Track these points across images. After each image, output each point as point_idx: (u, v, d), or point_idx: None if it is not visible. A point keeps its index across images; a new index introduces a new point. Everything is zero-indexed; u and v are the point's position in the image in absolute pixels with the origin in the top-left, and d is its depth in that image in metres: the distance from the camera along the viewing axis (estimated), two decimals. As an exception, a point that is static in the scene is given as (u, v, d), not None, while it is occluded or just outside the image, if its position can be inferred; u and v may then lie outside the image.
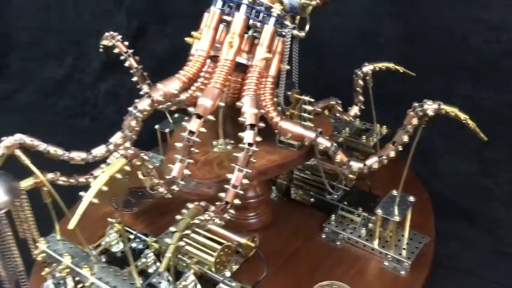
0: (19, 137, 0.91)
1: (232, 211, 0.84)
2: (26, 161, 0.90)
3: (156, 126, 1.33)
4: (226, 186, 0.85)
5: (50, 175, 0.95)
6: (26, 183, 0.93)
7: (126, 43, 1.14)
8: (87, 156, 0.96)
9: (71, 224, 0.74)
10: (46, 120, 1.79)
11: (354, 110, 1.21)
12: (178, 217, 0.78)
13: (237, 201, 0.84)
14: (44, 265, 0.99)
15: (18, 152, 0.91)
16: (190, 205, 0.80)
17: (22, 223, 0.92)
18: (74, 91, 1.91)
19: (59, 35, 2.00)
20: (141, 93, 1.11)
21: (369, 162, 1.01)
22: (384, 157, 1.01)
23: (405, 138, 0.98)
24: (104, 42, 1.13)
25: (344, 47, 1.57)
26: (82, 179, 1.04)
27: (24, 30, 2.04)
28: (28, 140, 0.92)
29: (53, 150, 0.95)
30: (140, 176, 0.88)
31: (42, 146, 0.94)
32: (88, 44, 1.95)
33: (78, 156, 0.95)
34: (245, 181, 0.85)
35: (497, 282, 1.12)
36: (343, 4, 1.22)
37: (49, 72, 1.98)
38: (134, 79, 1.13)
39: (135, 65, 1.13)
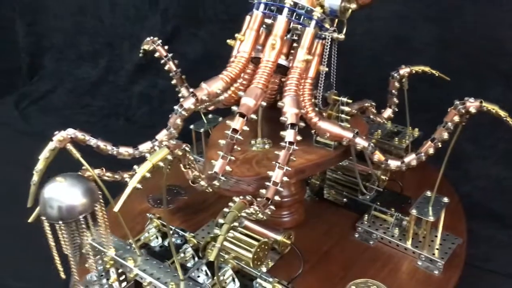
0: (72, 132, 0.95)
1: (272, 207, 0.86)
2: (77, 155, 0.94)
3: (191, 126, 1.36)
4: (267, 183, 0.87)
5: (97, 171, 0.99)
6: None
7: (166, 47, 1.18)
8: (134, 151, 1.00)
9: (116, 208, 0.79)
10: (80, 120, 1.84)
11: (388, 112, 1.23)
12: (226, 210, 0.81)
13: (277, 198, 0.87)
14: (88, 257, 1.03)
15: (70, 146, 0.94)
16: (236, 199, 0.83)
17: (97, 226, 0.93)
18: (108, 93, 1.96)
19: (94, 37, 2.05)
20: (180, 95, 1.15)
21: (407, 159, 1.03)
22: (423, 154, 1.02)
23: (445, 135, 0.99)
24: (145, 47, 1.18)
25: (375, 51, 1.59)
26: (126, 175, 1.09)
27: (59, 32, 2.10)
28: (79, 134, 0.95)
29: (102, 145, 0.99)
30: (182, 169, 0.91)
31: (92, 140, 0.98)
32: (121, 47, 2.00)
33: (126, 151, 0.99)
34: (285, 178, 0.88)
35: (531, 284, 1.14)
36: (375, 9, 1.24)
37: (83, 74, 2.03)
38: (173, 82, 1.16)
39: (174, 68, 1.17)
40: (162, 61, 1.17)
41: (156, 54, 1.17)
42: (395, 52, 1.57)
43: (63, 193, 0.82)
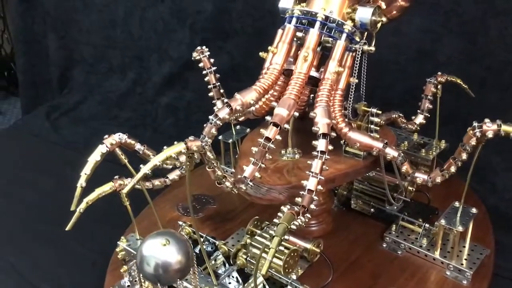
0: (122, 136, 0.98)
1: (308, 215, 0.88)
2: (125, 160, 0.97)
3: (220, 137, 1.39)
4: (302, 192, 0.89)
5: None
6: (106, 188, 1.00)
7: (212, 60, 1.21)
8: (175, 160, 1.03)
9: (126, 190, 0.86)
10: (109, 131, 1.84)
11: (419, 118, 1.24)
12: (275, 221, 0.83)
13: (312, 206, 0.89)
14: (122, 263, 1.06)
15: (118, 151, 0.97)
16: (284, 208, 0.85)
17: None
18: (135, 104, 2.00)
19: (123, 50, 2.10)
20: (215, 108, 1.18)
21: (432, 175, 1.05)
22: (446, 172, 1.04)
23: (464, 156, 1.00)
24: (194, 54, 1.20)
25: (400, 64, 1.61)
26: (157, 182, 1.12)
27: (89, 45, 2.16)
28: (129, 140, 0.98)
29: (147, 150, 1.02)
30: (207, 169, 0.94)
31: (138, 146, 1.02)
32: (150, 59, 2.05)
33: None
34: (319, 187, 0.90)
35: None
36: (401, 23, 1.27)
37: (112, 86, 2.09)
38: (210, 94, 1.19)
39: (213, 81, 1.20)
40: (204, 72, 1.20)
41: (201, 64, 1.20)
42: (419, 65, 1.59)
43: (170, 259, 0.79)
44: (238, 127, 1.40)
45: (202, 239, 1.10)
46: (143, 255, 0.78)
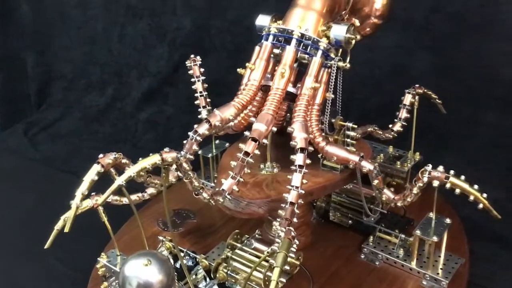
0: (117, 156, 0.95)
1: (292, 228, 0.90)
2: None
3: (199, 152, 1.40)
4: (283, 205, 0.91)
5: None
6: (84, 205, 1.00)
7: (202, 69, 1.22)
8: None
9: (100, 201, 0.86)
10: (88, 146, 1.89)
11: (397, 126, 1.27)
12: (275, 248, 0.84)
13: (295, 220, 0.91)
14: (102, 280, 1.06)
15: (112, 170, 0.97)
16: (281, 233, 0.86)
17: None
18: (115, 120, 2.01)
19: (102, 66, 2.11)
20: (199, 116, 1.19)
21: (397, 198, 1.08)
22: (407, 199, 1.06)
23: (415, 191, 1.03)
24: (187, 62, 1.22)
25: (375, 79, 1.66)
26: (135, 197, 1.13)
27: (68, 61, 2.16)
28: (123, 160, 0.97)
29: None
30: (184, 180, 0.94)
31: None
32: (129, 75, 2.06)
33: (158, 180, 1.04)
34: (300, 200, 0.92)
35: (531, 302, 1.17)
36: (375, 39, 1.30)
37: (91, 101, 2.09)
38: (196, 102, 1.20)
39: (200, 89, 1.21)
40: (193, 80, 1.21)
41: (190, 71, 1.21)
42: (394, 80, 1.63)
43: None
44: (217, 141, 1.42)
45: (182, 254, 1.11)
46: (125, 275, 0.79)
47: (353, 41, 1.06)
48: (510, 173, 1.53)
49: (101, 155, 0.91)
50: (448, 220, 1.11)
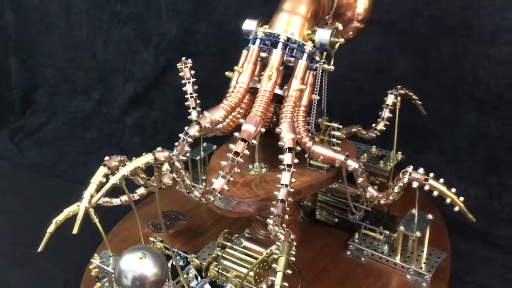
0: (123, 158, 0.93)
1: (284, 224, 0.93)
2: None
3: (188, 154, 1.42)
4: (274, 202, 0.94)
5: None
6: (75, 207, 1.02)
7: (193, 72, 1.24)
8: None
9: (94, 199, 0.86)
10: (75, 151, 1.89)
11: (380, 125, 1.31)
12: (276, 251, 0.87)
13: (286, 216, 0.94)
14: (95, 281, 1.07)
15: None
16: (279, 234, 0.89)
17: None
18: (101, 124, 2.02)
19: (87, 72, 2.11)
20: (189, 117, 1.22)
21: (380, 196, 1.11)
22: (389, 197, 1.09)
23: (397, 190, 1.06)
24: (178, 65, 1.24)
25: (358, 81, 1.70)
26: (125, 198, 1.14)
27: (52, 67, 2.16)
28: (127, 161, 0.96)
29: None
30: (176, 179, 0.96)
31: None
32: (114, 80, 2.07)
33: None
34: (290, 198, 0.95)
35: (510, 294, 1.22)
36: (358, 43, 1.34)
37: (76, 106, 2.09)
38: (187, 103, 1.22)
39: (191, 90, 1.23)
40: (183, 81, 1.23)
41: (181, 74, 1.23)
42: (376, 82, 1.68)
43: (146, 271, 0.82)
44: (205, 144, 1.44)
45: (174, 254, 1.13)
46: (121, 269, 0.81)
47: (337, 45, 1.09)
48: (489, 172, 1.58)
49: (107, 157, 0.90)
50: (430, 216, 1.15)
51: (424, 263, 1.15)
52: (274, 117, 1.19)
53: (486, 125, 1.61)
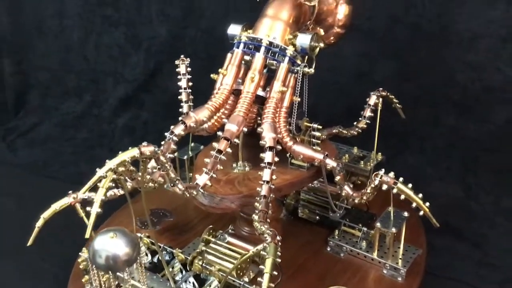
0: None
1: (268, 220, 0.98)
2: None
3: (175, 154, 1.46)
4: (258, 198, 1.00)
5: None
6: (62, 203, 1.05)
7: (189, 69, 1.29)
8: None
9: (82, 190, 0.93)
10: (67, 151, 1.93)
11: (361, 123, 1.36)
12: (263, 253, 0.91)
13: (270, 212, 0.99)
14: (84, 273, 1.12)
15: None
16: (268, 238, 0.94)
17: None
18: (92, 125, 2.06)
19: (78, 74, 2.16)
20: (180, 110, 1.26)
21: (355, 194, 1.15)
22: (364, 197, 1.14)
23: (369, 190, 1.11)
24: (176, 62, 1.29)
25: (340, 84, 1.76)
26: (111, 193, 1.17)
27: (44, 69, 2.20)
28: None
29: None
30: (161, 172, 1.01)
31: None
32: (105, 82, 2.12)
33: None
34: (272, 194, 1.00)
35: (483, 289, 1.28)
36: (339, 47, 1.39)
37: (68, 108, 2.13)
38: (179, 97, 1.27)
39: (185, 85, 1.27)
40: (179, 77, 1.28)
41: (177, 69, 1.28)
42: (358, 85, 1.73)
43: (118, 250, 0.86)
44: (192, 144, 1.49)
45: (160, 249, 1.18)
46: (95, 249, 0.86)
47: (317, 49, 1.14)
48: (466, 172, 1.64)
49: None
50: (406, 214, 1.20)
51: (400, 258, 1.20)
52: (259, 118, 1.24)
53: (464, 127, 1.67)
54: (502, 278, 1.31)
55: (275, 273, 0.88)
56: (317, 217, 1.36)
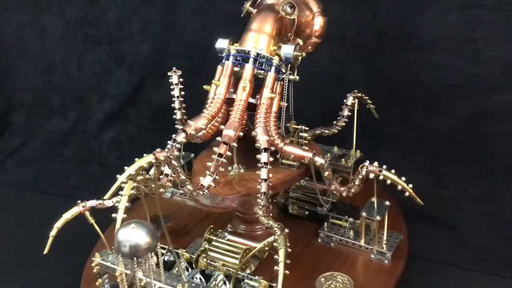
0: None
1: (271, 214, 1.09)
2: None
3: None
4: (258, 195, 1.10)
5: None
6: (72, 212, 1.12)
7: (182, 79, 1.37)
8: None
9: (107, 196, 0.99)
10: (56, 167, 1.98)
11: (340, 122, 1.46)
12: (276, 245, 1.01)
13: (271, 206, 1.10)
14: (98, 277, 1.19)
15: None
16: (277, 231, 1.04)
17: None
18: (79, 141, 2.11)
19: (62, 93, 2.21)
20: (174, 117, 1.36)
21: (342, 189, 1.28)
22: (351, 190, 1.26)
23: (357, 182, 1.23)
24: (169, 73, 1.36)
25: (317, 89, 1.88)
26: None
27: (28, 90, 2.25)
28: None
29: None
30: (173, 174, 1.10)
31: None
32: (90, 99, 2.18)
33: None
34: (270, 191, 1.11)
35: (460, 266, 1.41)
36: (316, 55, 1.49)
37: (54, 126, 2.17)
38: (173, 105, 1.35)
39: (177, 94, 1.35)
40: (172, 87, 1.36)
41: (170, 80, 1.36)
42: (333, 89, 1.85)
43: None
44: (183, 153, 1.58)
45: (164, 251, 1.26)
46: (119, 240, 0.94)
47: (300, 58, 1.26)
48: (434, 163, 1.77)
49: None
50: (387, 203, 1.32)
51: (385, 244, 1.31)
52: (250, 123, 1.34)
53: (430, 122, 1.81)
54: (475, 255, 1.45)
55: (288, 261, 0.97)
56: (306, 212, 1.47)
